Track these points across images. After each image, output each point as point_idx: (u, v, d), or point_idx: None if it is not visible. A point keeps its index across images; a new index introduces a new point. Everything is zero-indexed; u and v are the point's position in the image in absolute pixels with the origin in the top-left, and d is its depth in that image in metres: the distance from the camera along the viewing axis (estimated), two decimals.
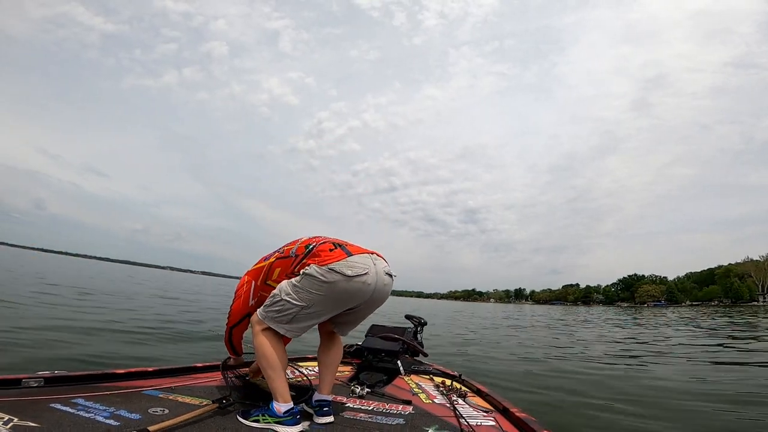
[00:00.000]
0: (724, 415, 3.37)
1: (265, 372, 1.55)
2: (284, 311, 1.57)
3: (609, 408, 3.60)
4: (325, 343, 1.78)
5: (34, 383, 1.62)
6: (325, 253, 1.61)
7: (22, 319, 5.58)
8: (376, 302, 1.69)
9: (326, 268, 1.53)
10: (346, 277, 1.53)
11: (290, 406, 1.50)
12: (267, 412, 1.48)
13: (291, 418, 1.47)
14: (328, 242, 1.69)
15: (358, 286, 1.55)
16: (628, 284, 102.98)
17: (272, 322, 1.58)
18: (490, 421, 1.72)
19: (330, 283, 1.52)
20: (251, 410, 1.53)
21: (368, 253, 1.67)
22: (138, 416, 1.38)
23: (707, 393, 4.17)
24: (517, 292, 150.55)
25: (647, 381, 4.85)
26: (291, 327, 1.59)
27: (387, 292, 1.70)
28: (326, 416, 1.59)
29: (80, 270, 31.36)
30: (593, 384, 4.62)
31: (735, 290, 74.13)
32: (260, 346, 1.57)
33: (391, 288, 1.72)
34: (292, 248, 1.79)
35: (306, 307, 1.55)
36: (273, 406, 1.49)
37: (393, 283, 1.72)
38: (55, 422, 1.25)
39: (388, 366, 2.65)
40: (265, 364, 1.54)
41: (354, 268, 1.55)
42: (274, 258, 1.83)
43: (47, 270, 22.62)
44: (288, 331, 1.59)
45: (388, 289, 1.69)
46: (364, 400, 1.96)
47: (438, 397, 2.09)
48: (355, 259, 1.59)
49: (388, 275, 1.68)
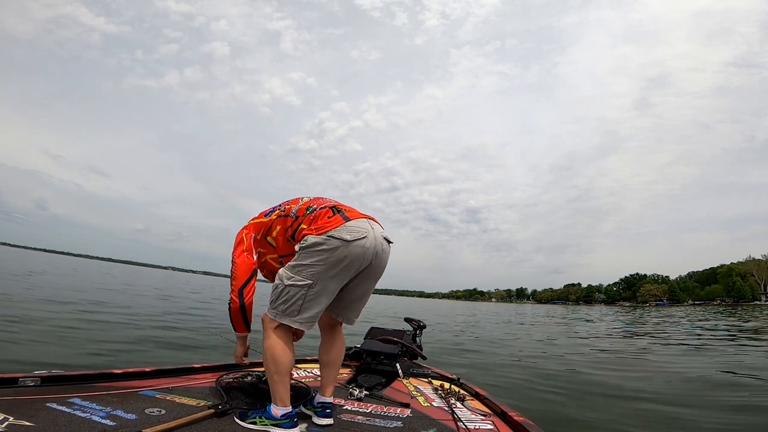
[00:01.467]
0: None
1: (270, 375, 1.50)
2: (292, 299, 1.51)
3: (610, 409, 3.59)
4: (326, 341, 1.75)
5: (31, 382, 1.61)
6: (323, 220, 1.59)
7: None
8: (376, 270, 1.66)
9: (324, 235, 1.52)
10: (344, 241, 1.51)
11: (288, 410, 1.48)
12: (264, 414, 1.47)
13: (288, 421, 1.46)
14: (327, 208, 1.65)
15: (357, 250, 1.53)
16: (630, 284, 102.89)
17: (284, 317, 1.52)
18: (488, 425, 1.72)
19: (329, 249, 1.50)
20: (248, 411, 1.51)
21: (366, 217, 1.65)
22: (134, 417, 1.38)
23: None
24: (518, 291, 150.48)
25: (648, 381, 4.84)
26: (303, 317, 1.53)
27: (386, 259, 1.68)
28: (327, 418, 1.57)
29: (77, 270, 31.49)
30: (594, 384, 4.61)
31: (737, 289, 73.94)
32: (271, 348, 1.50)
33: (389, 255, 1.70)
34: (293, 207, 1.75)
35: (312, 285, 1.51)
36: (270, 408, 1.48)
37: (390, 251, 1.71)
38: (51, 422, 1.24)
39: (386, 369, 2.64)
40: (274, 368, 1.48)
41: (352, 233, 1.53)
42: (275, 215, 1.79)
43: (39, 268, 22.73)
44: (302, 322, 1.53)
45: (386, 256, 1.67)
46: (362, 402, 1.95)
47: (436, 401, 2.08)
48: (353, 223, 1.57)
49: (386, 240, 1.67)
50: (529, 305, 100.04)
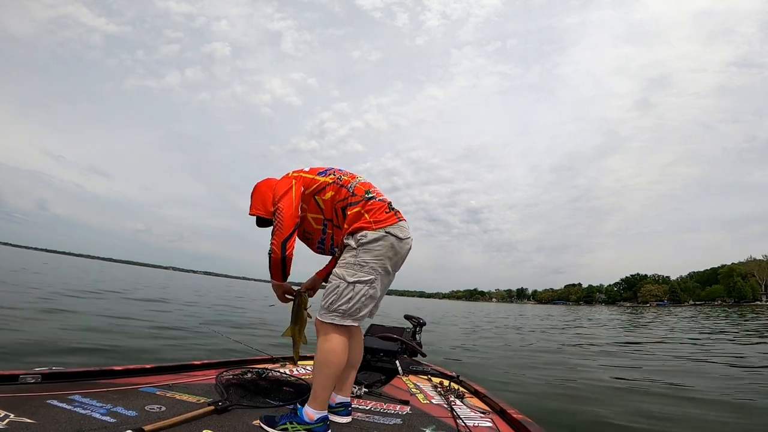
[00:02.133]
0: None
1: (320, 377, 1.45)
2: (356, 296, 1.50)
3: (611, 409, 3.58)
4: (356, 344, 1.71)
5: (32, 379, 1.62)
6: (380, 213, 1.61)
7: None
8: (400, 267, 1.73)
9: (383, 230, 1.57)
10: (398, 239, 1.59)
11: (325, 413, 1.44)
12: (295, 419, 1.42)
13: (322, 425, 1.42)
14: (385, 203, 1.66)
15: (406, 248, 1.65)
16: (630, 284, 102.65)
17: (347, 318, 1.50)
18: (488, 422, 1.72)
19: (387, 245, 1.56)
20: (275, 416, 1.45)
21: (404, 220, 1.72)
22: (134, 413, 1.38)
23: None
24: (519, 291, 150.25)
25: (649, 381, 4.84)
26: (363, 314, 1.55)
27: (404, 261, 1.75)
28: (347, 416, 1.62)
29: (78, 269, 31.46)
30: (594, 385, 4.61)
31: (738, 290, 73.73)
32: (332, 352, 1.46)
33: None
34: (351, 182, 1.70)
35: (373, 281, 1.53)
36: (302, 412, 1.42)
37: None
38: (52, 418, 1.25)
39: (386, 366, 2.65)
40: (329, 371, 1.44)
41: (404, 231, 1.64)
42: (331, 180, 1.71)
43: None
44: (360, 320, 1.57)
45: (407, 255, 1.75)
46: (361, 399, 1.96)
47: (436, 398, 2.09)
48: (404, 224, 1.67)
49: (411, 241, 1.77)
50: (530, 305, 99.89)
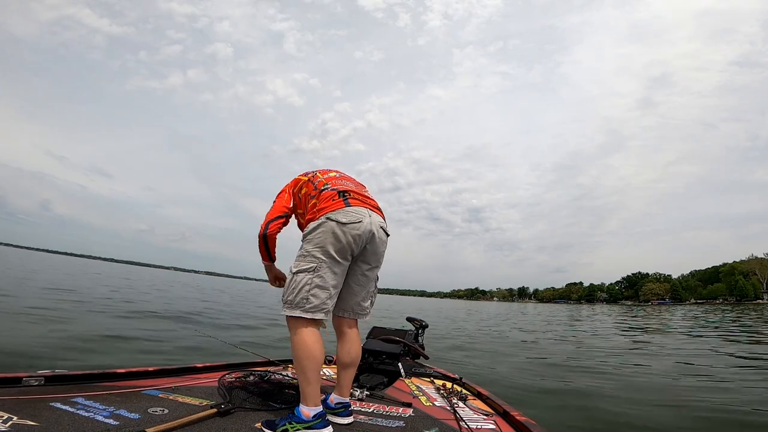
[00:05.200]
0: None
1: (299, 374, 1.49)
2: (299, 287, 1.53)
3: (613, 409, 3.58)
4: (343, 343, 1.73)
5: (35, 382, 1.62)
6: (327, 201, 1.65)
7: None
8: (372, 257, 1.70)
9: (323, 217, 1.59)
10: (339, 223, 1.58)
11: (320, 409, 1.45)
12: (294, 419, 1.42)
13: (320, 420, 1.42)
14: (335, 192, 1.70)
15: (354, 233, 1.59)
16: (632, 282, 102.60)
17: (296, 309, 1.53)
18: (491, 425, 1.71)
19: (326, 231, 1.57)
20: (275, 420, 1.46)
21: (368, 207, 1.69)
22: (137, 416, 1.38)
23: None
24: (520, 290, 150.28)
25: (648, 382, 4.83)
26: (312, 305, 1.53)
27: (382, 248, 1.73)
28: (349, 417, 1.61)
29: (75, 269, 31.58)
30: (595, 386, 4.60)
31: (740, 288, 73.62)
32: (296, 345, 1.50)
33: (386, 247, 1.76)
34: (319, 177, 1.84)
35: (316, 269, 1.54)
36: (299, 410, 1.43)
37: (388, 243, 1.77)
38: (55, 421, 1.25)
39: (388, 368, 2.64)
40: (301, 366, 1.48)
41: (348, 216, 1.60)
42: (307, 178, 1.87)
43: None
44: (313, 311, 1.53)
45: (382, 244, 1.72)
46: (364, 402, 1.95)
47: (438, 400, 2.08)
48: (352, 209, 1.63)
49: (383, 230, 1.72)
50: (531, 304, 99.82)
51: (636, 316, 26.23)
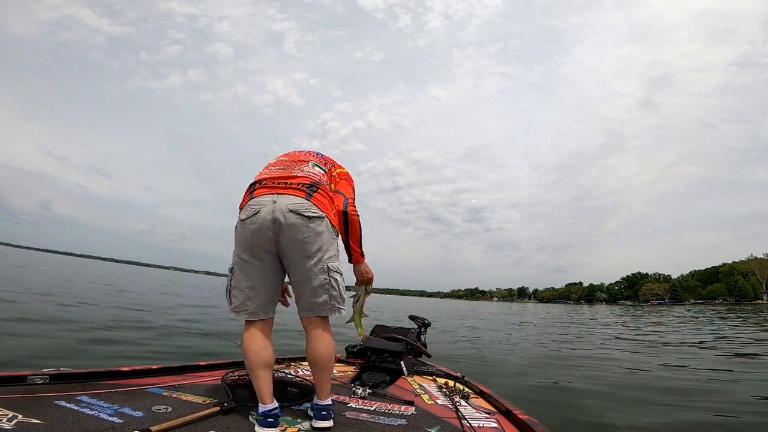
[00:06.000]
0: None
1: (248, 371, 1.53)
2: (225, 288, 1.57)
3: (614, 409, 3.58)
4: (306, 342, 1.61)
5: (40, 380, 1.62)
6: (244, 198, 1.57)
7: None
8: (291, 247, 1.47)
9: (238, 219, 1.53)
10: (240, 221, 1.50)
11: (268, 407, 1.44)
12: (255, 410, 1.47)
13: (263, 419, 1.42)
14: (251, 183, 1.61)
15: (251, 228, 1.46)
16: (631, 282, 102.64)
17: (232, 313, 1.56)
18: (493, 423, 1.72)
19: (235, 231, 1.53)
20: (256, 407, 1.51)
21: (276, 192, 1.50)
22: (141, 414, 1.38)
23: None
24: (520, 290, 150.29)
25: (649, 381, 4.84)
26: (234, 306, 1.54)
27: (300, 237, 1.45)
28: (324, 420, 1.47)
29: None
30: (596, 385, 4.61)
31: (739, 288, 73.66)
32: (242, 343, 1.53)
33: (312, 231, 1.46)
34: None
35: (231, 270, 1.55)
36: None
37: (310, 225, 1.46)
38: (59, 419, 1.25)
39: (391, 366, 2.64)
40: (246, 363, 1.52)
41: (247, 211, 1.48)
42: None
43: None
44: (237, 312, 1.54)
45: (298, 231, 1.45)
46: (366, 400, 1.95)
47: (441, 398, 2.08)
48: (254, 200, 1.49)
49: (296, 213, 1.45)
50: (531, 304, 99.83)
51: (635, 315, 26.25)
